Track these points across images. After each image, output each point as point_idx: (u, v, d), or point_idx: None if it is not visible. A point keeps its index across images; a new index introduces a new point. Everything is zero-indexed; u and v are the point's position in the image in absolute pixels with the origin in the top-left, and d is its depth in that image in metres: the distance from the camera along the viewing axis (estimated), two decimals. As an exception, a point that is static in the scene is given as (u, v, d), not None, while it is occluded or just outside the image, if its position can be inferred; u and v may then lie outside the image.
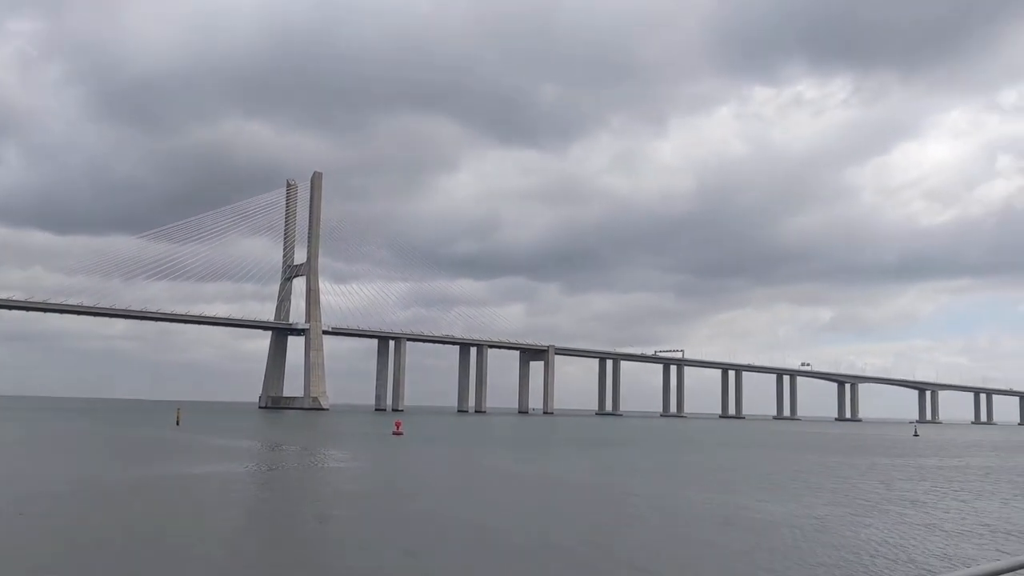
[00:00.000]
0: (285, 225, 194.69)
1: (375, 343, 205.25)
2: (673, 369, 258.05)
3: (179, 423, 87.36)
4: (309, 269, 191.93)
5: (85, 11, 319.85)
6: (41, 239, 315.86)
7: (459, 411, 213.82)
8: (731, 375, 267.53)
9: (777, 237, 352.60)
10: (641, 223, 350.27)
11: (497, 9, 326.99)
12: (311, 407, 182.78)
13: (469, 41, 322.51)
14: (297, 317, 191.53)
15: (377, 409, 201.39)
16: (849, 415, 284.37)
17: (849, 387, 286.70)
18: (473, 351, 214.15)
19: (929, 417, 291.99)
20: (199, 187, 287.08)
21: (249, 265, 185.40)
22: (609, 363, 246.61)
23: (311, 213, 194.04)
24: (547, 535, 21.68)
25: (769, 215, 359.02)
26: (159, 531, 20.61)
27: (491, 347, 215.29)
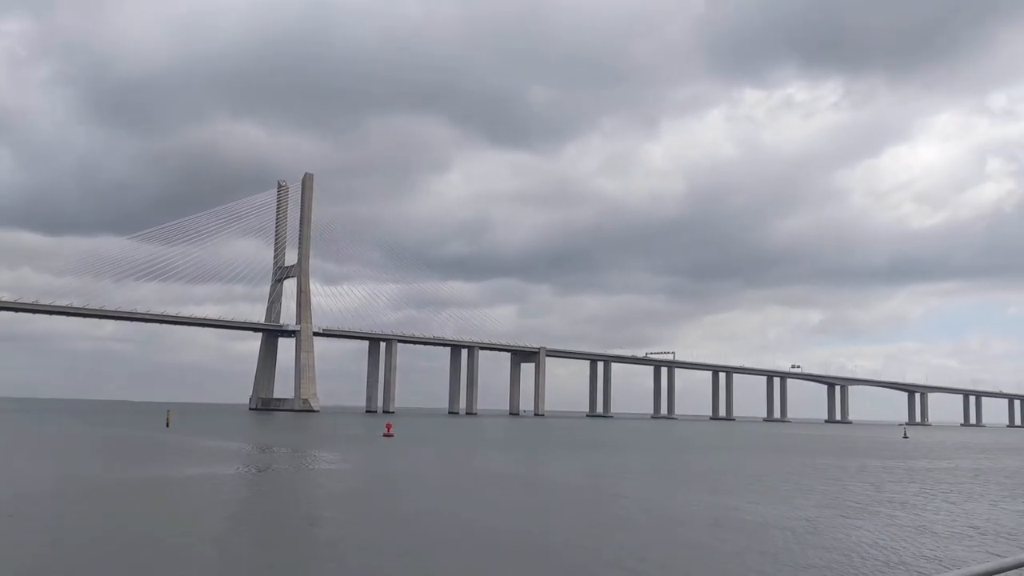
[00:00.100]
0: (276, 226, 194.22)
1: (366, 344, 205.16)
2: (664, 371, 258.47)
3: (169, 424, 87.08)
4: (300, 270, 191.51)
5: (75, 11, 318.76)
6: (30, 240, 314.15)
7: (450, 413, 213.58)
8: (722, 377, 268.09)
9: (768, 239, 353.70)
10: (632, 225, 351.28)
11: (489, 11, 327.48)
12: (301, 409, 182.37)
13: (461, 42, 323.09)
14: (288, 318, 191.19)
15: (368, 411, 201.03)
16: (839, 417, 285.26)
17: (839, 389, 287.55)
18: (464, 353, 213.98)
19: (919, 419, 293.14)
20: (190, 188, 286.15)
21: (240, 266, 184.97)
22: (600, 365, 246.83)
23: (302, 214, 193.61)
24: (538, 537, 21.66)
25: (760, 217, 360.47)
26: (148, 533, 20.49)
27: (482, 349, 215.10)
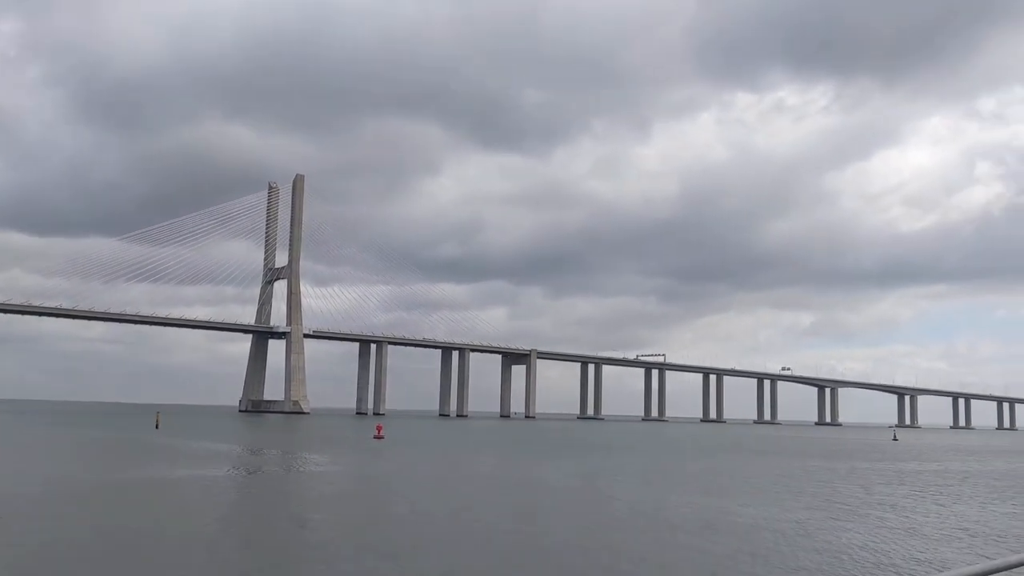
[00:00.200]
0: (266, 228, 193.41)
1: (356, 347, 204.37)
2: (655, 373, 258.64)
3: (158, 426, 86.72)
4: (290, 272, 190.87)
5: (67, 12, 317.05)
6: (20, 241, 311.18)
7: (441, 415, 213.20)
8: (712, 379, 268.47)
9: (759, 242, 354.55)
10: (624, 227, 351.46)
11: (481, 13, 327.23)
12: (292, 411, 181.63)
13: (453, 45, 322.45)
14: (278, 320, 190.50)
15: (358, 413, 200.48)
16: (829, 419, 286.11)
17: (829, 392, 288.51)
18: (455, 355, 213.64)
19: (908, 422, 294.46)
20: (180, 189, 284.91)
21: (230, 268, 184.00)
22: (591, 367, 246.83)
23: (293, 216, 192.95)
24: (529, 539, 21.63)
25: (751, 220, 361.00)
26: (137, 534, 20.39)
27: (473, 351, 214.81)
